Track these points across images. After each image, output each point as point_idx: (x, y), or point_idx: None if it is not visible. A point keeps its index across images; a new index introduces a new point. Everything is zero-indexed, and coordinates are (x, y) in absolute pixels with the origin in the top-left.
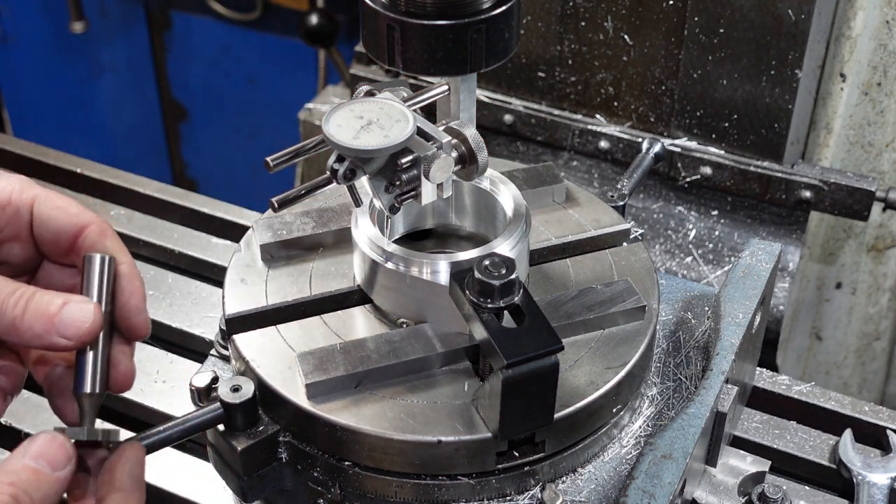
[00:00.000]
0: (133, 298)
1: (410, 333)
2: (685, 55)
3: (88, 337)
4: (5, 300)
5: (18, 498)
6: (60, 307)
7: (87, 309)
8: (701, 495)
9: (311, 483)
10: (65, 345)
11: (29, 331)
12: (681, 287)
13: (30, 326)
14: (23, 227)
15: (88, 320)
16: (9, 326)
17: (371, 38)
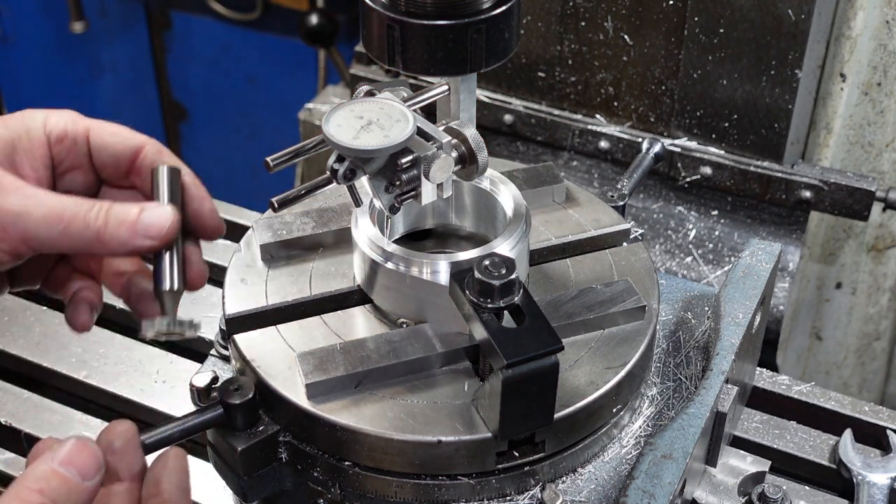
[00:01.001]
0: (204, 203)
1: (410, 333)
2: (685, 55)
3: (170, 235)
4: (86, 214)
5: None
6: (139, 213)
7: (164, 210)
8: (701, 495)
9: (311, 483)
10: (150, 245)
11: (114, 239)
12: (681, 287)
13: (114, 234)
14: (82, 156)
15: (168, 219)
16: (93, 238)
17: (371, 38)
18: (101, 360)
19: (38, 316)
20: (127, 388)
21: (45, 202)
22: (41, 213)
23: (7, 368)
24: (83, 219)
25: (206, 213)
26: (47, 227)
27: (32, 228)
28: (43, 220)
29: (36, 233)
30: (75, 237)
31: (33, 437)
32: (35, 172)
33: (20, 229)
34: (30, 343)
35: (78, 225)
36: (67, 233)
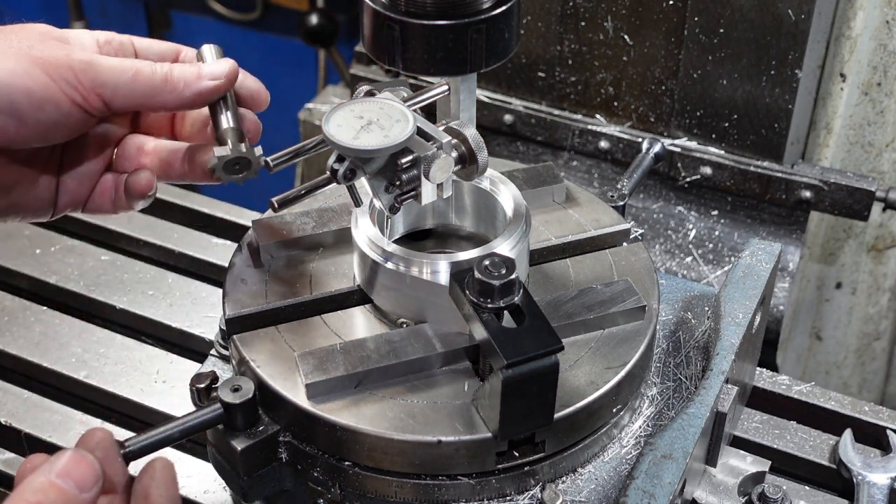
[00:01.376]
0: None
1: (410, 333)
2: (685, 55)
3: (232, 75)
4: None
5: None
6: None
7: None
8: (701, 495)
9: (311, 483)
10: (214, 86)
11: (181, 80)
12: (681, 287)
13: (181, 76)
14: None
15: (228, 62)
16: (161, 83)
17: (371, 38)
18: (101, 360)
19: (38, 316)
20: (127, 388)
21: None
22: (110, 63)
23: (7, 368)
24: (150, 66)
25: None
26: (117, 74)
27: (103, 75)
28: (112, 68)
29: (106, 79)
30: (144, 83)
31: (33, 437)
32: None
33: (91, 76)
34: (30, 343)
35: (146, 71)
36: (137, 79)
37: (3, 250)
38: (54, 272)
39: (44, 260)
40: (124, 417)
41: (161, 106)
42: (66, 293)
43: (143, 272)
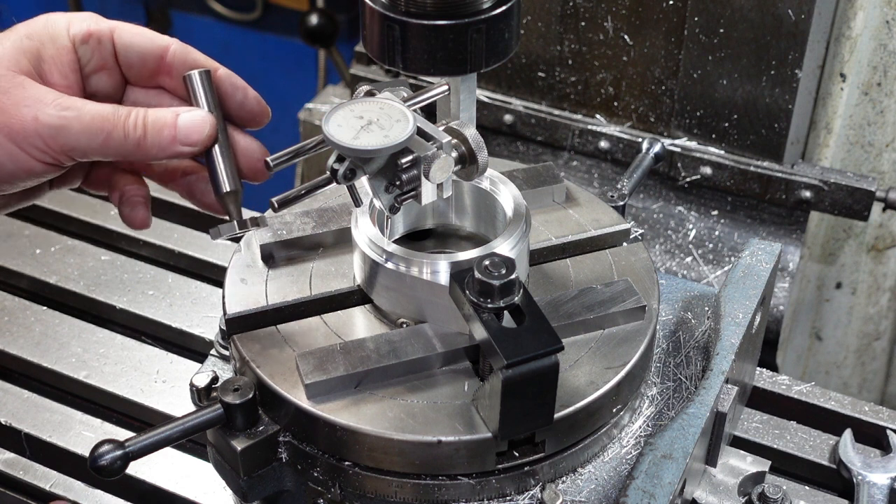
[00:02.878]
0: (247, 92)
1: (410, 333)
2: (685, 55)
3: (210, 138)
4: (124, 125)
5: None
6: (175, 118)
7: (200, 115)
8: (701, 495)
9: (311, 483)
10: (190, 151)
11: (155, 147)
12: (681, 287)
13: (154, 143)
14: (107, 56)
15: (206, 123)
16: (134, 148)
17: (371, 38)
18: (101, 360)
19: (38, 316)
20: (127, 388)
21: (84, 114)
22: (81, 125)
23: (7, 368)
24: (122, 128)
25: (250, 101)
26: (87, 139)
27: (73, 141)
28: (83, 132)
29: (76, 144)
30: (116, 147)
31: (33, 437)
32: (65, 79)
33: (61, 142)
34: (30, 343)
35: (118, 135)
36: (108, 144)
37: (3, 250)
38: (54, 272)
39: (44, 260)
40: (124, 417)
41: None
42: (66, 293)
43: (143, 272)
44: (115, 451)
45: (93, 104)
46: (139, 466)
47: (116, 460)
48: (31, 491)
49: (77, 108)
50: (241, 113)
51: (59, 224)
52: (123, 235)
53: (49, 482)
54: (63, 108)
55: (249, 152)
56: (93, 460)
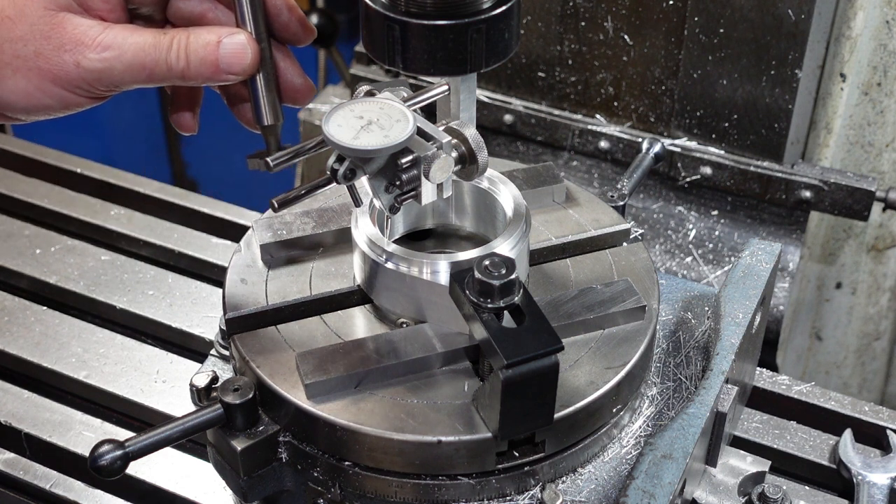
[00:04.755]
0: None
1: (410, 333)
2: (685, 55)
3: (252, 67)
4: (167, 58)
5: None
6: (217, 45)
7: (241, 41)
8: (701, 495)
9: (311, 483)
10: (234, 79)
11: (198, 76)
12: (681, 287)
13: (197, 72)
14: None
15: (247, 53)
16: (178, 78)
17: (371, 38)
18: (101, 360)
19: (38, 316)
20: (127, 388)
21: (125, 51)
22: (123, 65)
23: (7, 368)
24: (165, 61)
25: (294, 21)
26: (131, 76)
27: (117, 79)
28: (126, 70)
29: (121, 81)
30: (160, 79)
31: (33, 437)
32: (106, 2)
33: (105, 82)
34: (30, 343)
35: (161, 69)
36: (151, 77)
37: (3, 250)
38: (54, 272)
39: (44, 260)
40: (124, 417)
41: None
42: (66, 293)
43: (143, 272)
44: (115, 451)
45: (134, 37)
46: (139, 466)
47: (116, 460)
48: (31, 491)
49: (118, 46)
50: (284, 33)
51: (59, 224)
52: (123, 235)
53: (49, 482)
54: (104, 48)
55: (290, 75)
56: (93, 460)
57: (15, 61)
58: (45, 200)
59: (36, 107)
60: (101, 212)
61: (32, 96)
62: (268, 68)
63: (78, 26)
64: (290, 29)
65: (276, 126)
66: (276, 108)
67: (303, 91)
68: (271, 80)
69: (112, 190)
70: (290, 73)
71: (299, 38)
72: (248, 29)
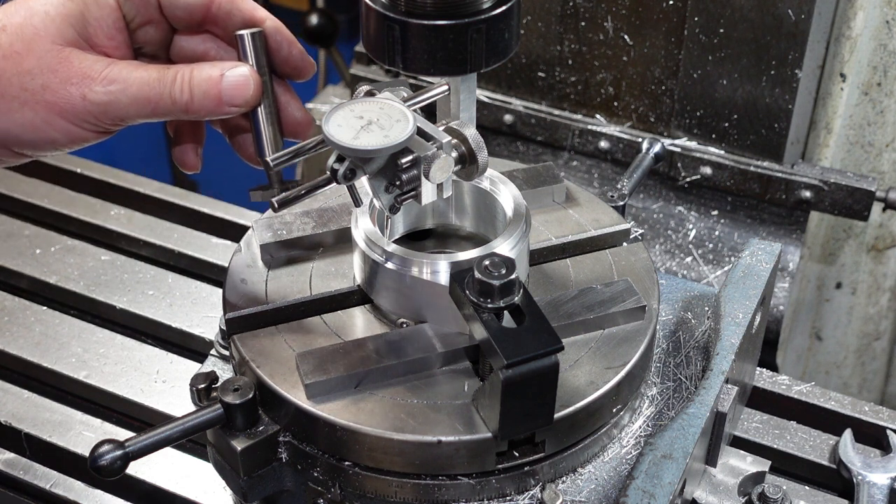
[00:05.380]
0: (292, 47)
1: (410, 333)
2: (685, 55)
3: (255, 99)
4: (171, 92)
5: None
6: (220, 78)
7: (243, 73)
8: (701, 495)
9: (311, 483)
10: (236, 111)
11: (202, 109)
12: (681, 287)
13: (201, 105)
14: (153, 10)
15: (250, 85)
16: (182, 112)
17: (371, 38)
18: (101, 360)
19: (38, 316)
20: (127, 388)
21: (131, 85)
22: (128, 98)
23: (7, 368)
24: (169, 95)
25: (295, 55)
26: (136, 110)
27: (122, 113)
28: (131, 103)
29: (126, 115)
30: (164, 112)
31: (33, 437)
32: (111, 40)
33: (111, 116)
34: (30, 343)
35: (165, 102)
36: (156, 111)
37: (3, 250)
38: (54, 272)
39: (44, 260)
40: (124, 417)
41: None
42: (66, 293)
43: (143, 272)
44: (115, 451)
45: (138, 72)
46: (139, 466)
47: (116, 460)
48: (31, 491)
49: (123, 80)
50: (285, 67)
51: (59, 224)
52: (123, 235)
53: (49, 482)
54: (109, 81)
55: (290, 109)
56: (93, 460)
57: (23, 94)
58: (45, 200)
59: (43, 140)
60: (101, 212)
61: (39, 129)
62: (269, 102)
63: (84, 61)
64: (290, 63)
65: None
66: (278, 141)
67: (303, 124)
68: (273, 113)
69: (112, 190)
70: (291, 107)
71: (300, 72)
72: (249, 63)
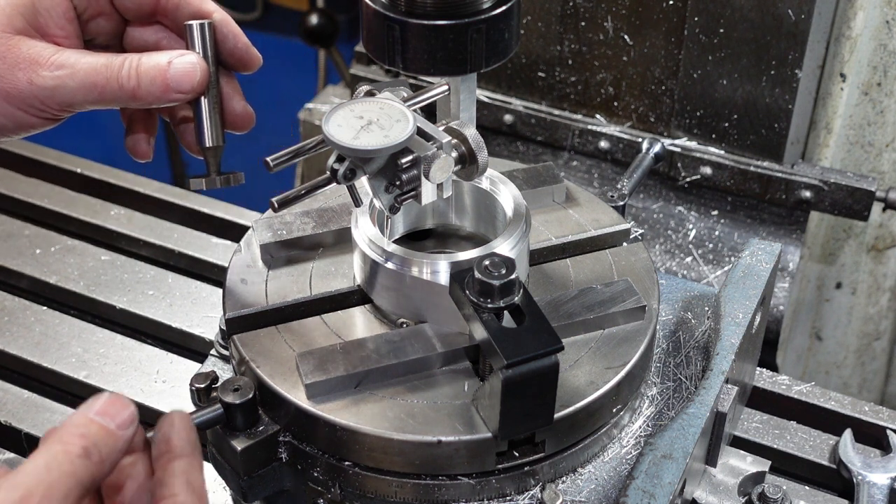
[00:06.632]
0: (238, 39)
1: (410, 333)
2: (685, 55)
3: (201, 86)
4: (118, 76)
5: (89, 451)
6: (168, 65)
7: (191, 60)
8: (701, 495)
9: (311, 483)
10: (183, 98)
11: (149, 95)
12: (681, 287)
13: (148, 91)
14: (103, 2)
15: (197, 72)
16: (129, 98)
17: (371, 38)
18: (101, 360)
19: (38, 316)
20: (127, 388)
21: (78, 70)
22: (75, 83)
23: (7, 368)
24: (116, 80)
25: (240, 47)
26: (83, 94)
27: (69, 98)
28: (79, 88)
29: (73, 100)
30: (111, 98)
31: (33, 437)
32: (62, 30)
33: (57, 100)
34: (30, 343)
35: (112, 87)
36: (103, 96)
37: (3, 250)
38: (54, 272)
39: (44, 260)
40: None
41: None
42: (66, 293)
43: (143, 272)
44: None
45: (87, 58)
46: None
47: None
48: None
49: (71, 65)
50: (231, 59)
51: (59, 224)
52: (123, 235)
53: None
54: (57, 66)
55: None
56: None
57: None
58: (45, 200)
59: None
60: (101, 212)
61: None
62: (214, 93)
63: (33, 47)
64: (236, 55)
65: (217, 148)
66: (219, 131)
67: (242, 117)
68: (217, 104)
69: (112, 190)
70: (234, 101)
71: (245, 64)
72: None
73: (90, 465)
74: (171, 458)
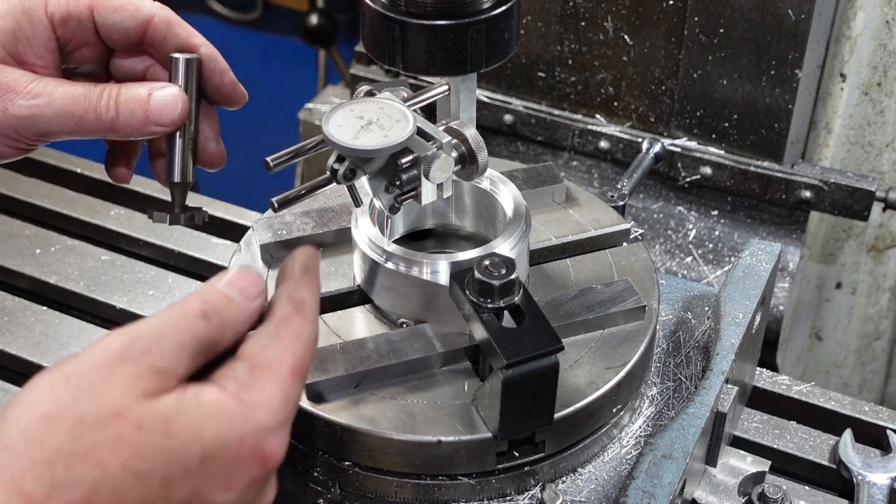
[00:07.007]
0: (224, 76)
1: (410, 333)
2: (685, 55)
3: (181, 119)
4: (97, 106)
5: (208, 313)
6: (148, 97)
7: (171, 92)
8: (701, 495)
9: (310, 483)
10: (162, 131)
11: (128, 127)
12: (681, 287)
13: (127, 123)
14: (88, 33)
15: (178, 105)
16: (107, 129)
17: (371, 38)
18: None
19: (38, 316)
20: None
21: (55, 100)
22: (52, 112)
23: (7, 368)
24: (94, 110)
25: (227, 84)
26: (59, 124)
27: (45, 127)
28: (55, 118)
29: (48, 130)
30: (89, 129)
31: None
32: (41, 59)
33: (33, 130)
34: (30, 343)
35: (90, 118)
36: (80, 126)
37: (3, 250)
38: (54, 272)
39: (44, 260)
40: None
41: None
42: (66, 293)
43: (143, 272)
44: None
45: (64, 87)
46: None
47: None
48: None
49: (48, 94)
50: (216, 95)
51: (59, 224)
52: (123, 235)
53: None
54: (33, 95)
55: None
56: None
57: None
58: (45, 200)
59: None
60: (101, 212)
61: None
62: (191, 128)
63: (9, 75)
64: (222, 91)
65: (185, 185)
66: (188, 167)
67: (213, 156)
68: (191, 139)
69: (112, 190)
70: (209, 139)
71: (230, 100)
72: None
73: (209, 326)
74: (281, 280)
